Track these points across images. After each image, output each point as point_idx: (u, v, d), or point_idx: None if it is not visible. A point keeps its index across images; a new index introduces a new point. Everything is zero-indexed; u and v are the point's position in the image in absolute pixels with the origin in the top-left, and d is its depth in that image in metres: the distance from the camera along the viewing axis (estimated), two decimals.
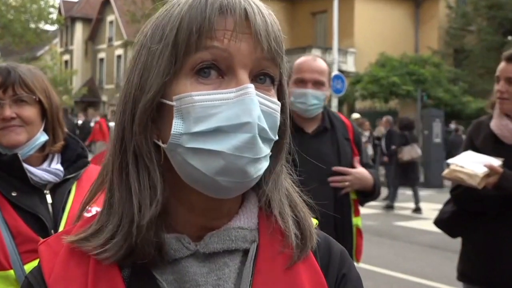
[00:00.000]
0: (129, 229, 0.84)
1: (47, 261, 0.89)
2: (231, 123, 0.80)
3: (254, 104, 0.81)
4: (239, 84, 0.82)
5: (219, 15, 0.82)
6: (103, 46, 43.60)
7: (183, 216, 0.88)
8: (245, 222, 0.90)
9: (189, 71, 0.83)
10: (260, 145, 0.82)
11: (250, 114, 0.80)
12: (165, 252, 0.85)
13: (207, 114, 0.81)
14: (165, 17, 0.86)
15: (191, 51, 0.82)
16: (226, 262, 0.87)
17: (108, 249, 0.84)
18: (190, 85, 0.83)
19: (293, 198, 0.95)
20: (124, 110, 0.87)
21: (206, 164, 0.81)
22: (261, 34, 0.83)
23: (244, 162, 0.81)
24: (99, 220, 0.89)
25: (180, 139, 0.82)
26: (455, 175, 2.75)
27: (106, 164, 0.91)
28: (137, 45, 0.89)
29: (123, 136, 0.86)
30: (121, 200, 0.85)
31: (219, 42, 0.82)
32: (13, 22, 28.30)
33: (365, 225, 4.01)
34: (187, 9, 0.83)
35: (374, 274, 7.38)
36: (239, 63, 0.83)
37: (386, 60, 26.43)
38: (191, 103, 0.81)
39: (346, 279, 0.94)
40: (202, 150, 0.81)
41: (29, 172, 1.81)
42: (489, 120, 2.89)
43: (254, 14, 0.83)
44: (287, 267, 0.88)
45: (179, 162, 0.83)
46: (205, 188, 0.84)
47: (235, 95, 0.81)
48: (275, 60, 0.86)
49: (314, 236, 0.93)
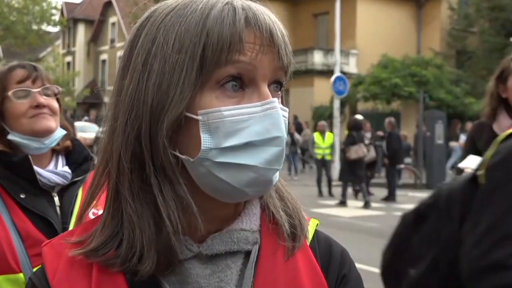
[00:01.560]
0: (156, 241, 0.83)
1: (50, 262, 0.89)
2: (261, 137, 0.82)
3: (280, 118, 0.84)
4: (262, 98, 0.84)
5: (246, 29, 0.83)
6: (105, 48, 43.66)
7: (190, 221, 0.87)
8: (247, 224, 0.90)
9: (215, 85, 0.83)
10: (284, 156, 0.85)
11: (279, 128, 0.83)
12: (173, 255, 0.85)
13: (236, 128, 0.82)
14: (176, 23, 0.84)
15: (220, 66, 0.82)
16: (228, 264, 0.88)
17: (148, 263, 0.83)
18: (216, 98, 0.82)
19: (282, 191, 0.97)
20: (135, 119, 0.84)
21: (235, 177, 0.82)
22: (281, 47, 0.86)
23: (272, 173, 0.85)
24: (102, 230, 0.88)
25: (209, 153, 0.82)
26: None
27: (100, 172, 0.89)
28: (141, 48, 0.85)
29: (136, 147, 0.84)
30: (138, 211, 0.84)
31: (246, 56, 0.83)
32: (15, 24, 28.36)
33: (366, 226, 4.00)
34: (212, 22, 0.82)
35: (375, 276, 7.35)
36: (261, 75, 0.84)
37: (388, 61, 26.43)
38: (220, 118, 0.81)
39: (346, 279, 0.95)
40: (232, 164, 0.82)
41: (38, 174, 1.80)
42: (491, 122, 2.84)
43: (275, 28, 0.85)
44: (285, 260, 0.90)
45: (203, 174, 0.83)
46: (224, 196, 0.85)
47: (262, 109, 0.83)
48: (288, 69, 0.89)
49: (305, 226, 0.95)
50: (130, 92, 0.85)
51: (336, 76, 20.29)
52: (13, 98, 1.81)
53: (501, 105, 2.82)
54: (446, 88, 25.51)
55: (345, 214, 12.67)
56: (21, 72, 1.84)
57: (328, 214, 12.44)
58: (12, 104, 1.82)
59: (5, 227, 1.71)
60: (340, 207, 13.70)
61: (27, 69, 1.86)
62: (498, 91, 2.83)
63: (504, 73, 2.81)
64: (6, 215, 1.74)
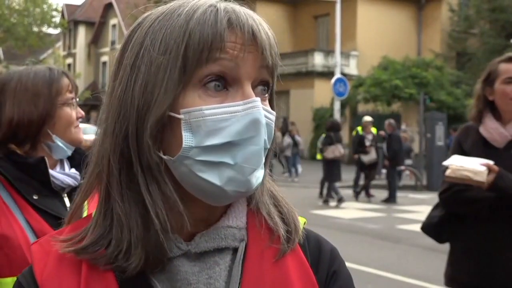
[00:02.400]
0: (144, 239, 0.84)
1: (38, 260, 0.90)
2: (241, 137, 0.83)
3: (262, 118, 0.85)
4: (245, 97, 0.85)
5: (228, 30, 0.84)
6: (106, 50, 43.71)
7: (178, 223, 0.88)
8: (233, 221, 0.92)
9: (197, 83, 0.84)
10: (263, 156, 0.87)
11: (259, 127, 0.84)
12: (162, 252, 0.86)
13: (218, 127, 0.83)
14: (163, 27, 0.86)
15: (201, 65, 0.83)
16: (217, 261, 0.89)
17: (133, 261, 0.84)
18: (199, 97, 0.84)
19: (276, 196, 0.98)
20: (123, 120, 0.86)
21: (215, 175, 0.84)
22: (266, 48, 0.87)
23: (249, 172, 0.85)
24: (94, 230, 0.89)
25: (190, 152, 0.83)
26: (460, 173, 2.70)
27: (91, 175, 0.91)
28: (130, 52, 0.88)
29: (124, 148, 0.86)
30: (126, 211, 0.86)
31: (227, 54, 0.84)
32: (16, 26, 28.40)
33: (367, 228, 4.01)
34: (195, 23, 0.84)
35: (376, 277, 7.37)
36: (245, 74, 0.85)
37: (389, 63, 26.44)
38: (202, 117, 0.83)
39: (336, 276, 0.96)
40: (213, 162, 0.83)
41: (52, 176, 1.81)
42: (477, 125, 2.87)
43: (259, 29, 0.87)
44: (275, 260, 0.91)
45: (184, 173, 0.85)
46: (208, 197, 0.86)
47: (243, 108, 0.84)
48: (273, 71, 0.90)
49: (300, 229, 0.96)
50: (119, 95, 0.87)
51: (337, 77, 20.32)
52: (65, 107, 1.85)
53: (487, 108, 2.85)
54: (446, 89, 25.53)
55: (345, 215, 12.67)
56: (67, 80, 1.88)
57: (328, 215, 12.45)
58: (64, 112, 1.85)
59: (22, 229, 1.71)
60: (339, 208, 13.75)
61: (69, 78, 1.90)
62: (485, 93, 2.86)
63: (491, 76, 2.84)
64: (20, 216, 1.74)
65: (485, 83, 2.87)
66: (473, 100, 2.96)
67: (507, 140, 2.76)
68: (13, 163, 1.77)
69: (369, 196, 15.32)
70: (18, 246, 1.67)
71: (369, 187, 15.47)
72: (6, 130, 1.78)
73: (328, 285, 0.95)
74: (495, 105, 2.84)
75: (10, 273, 1.66)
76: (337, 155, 13.89)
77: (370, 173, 15.39)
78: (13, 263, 1.66)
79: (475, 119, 2.90)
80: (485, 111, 2.84)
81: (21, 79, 1.82)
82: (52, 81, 1.83)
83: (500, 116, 2.82)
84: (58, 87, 1.84)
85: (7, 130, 1.78)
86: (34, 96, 1.79)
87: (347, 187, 16.83)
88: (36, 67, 1.88)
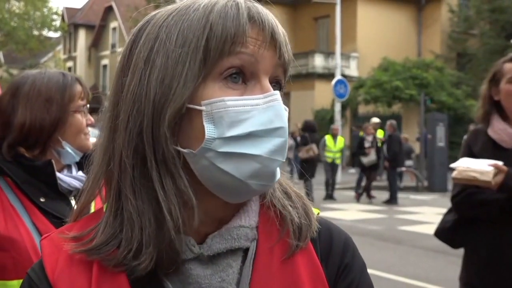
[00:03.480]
0: (157, 238, 0.83)
1: (49, 255, 0.88)
2: (265, 127, 0.83)
3: (283, 110, 0.85)
4: (264, 91, 0.85)
5: (250, 24, 0.85)
6: (106, 53, 43.74)
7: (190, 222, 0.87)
8: (246, 221, 0.90)
9: (218, 76, 0.84)
10: (286, 148, 0.86)
11: (282, 119, 0.85)
12: (178, 254, 0.85)
13: (240, 119, 0.82)
14: (179, 21, 0.85)
15: (223, 57, 0.83)
16: (230, 263, 0.87)
17: (143, 260, 0.83)
18: (219, 89, 0.84)
19: (288, 191, 0.97)
20: (137, 115, 0.84)
21: (238, 168, 0.82)
22: (282, 45, 0.88)
23: (276, 165, 0.85)
24: (105, 229, 0.87)
25: (212, 143, 0.82)
26: (466, 174, 2.68)
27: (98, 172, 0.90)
28: (143, 48, 0.87)
29: (138, 143, 0.84)
30: (139, 208, 0.84)
31: (248, 48, 0.84)
32: (16, 30, 28.43)
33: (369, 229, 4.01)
34: (216, 15, 0.84)
35: (378, 279, 7.35)
36: (263, 69, 0.86)
37: (389, 64, 26.45)
38: (224, 108, 0.82)
39: (348, 269, 0.94)
40: (236, 154, 0.82)
41: (59, 179, 1.81)
42: (486, 127, 2.86)
43: (277, 26, 0.88)
44: (284, 258, 0.89)
45: (204, 166, 0.83)
46: (227, 192, 0.85)
47: (264, 101, 0.84)
48: (287, 69, 0.91)
49: (314, 225, 0.94)
50: (132, 89, 0.85)
51: (337, 79, 20.30)
52: (77, 114, 1.86)
53: (494, 108, 2.84)
54: (447, 90, 25.51)
55: (346, 217, 12.66)
56: (80, 87, 1.88)
57: (329, 217, 12.37)
58: (75, 119, 1.85)
59: (28, 231, 1.71)
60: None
61: (82, 85, 1.91)
62: (490, 94, 2.85)
63: (496, 76, 2.83)
64: (27, 219, 1.74)
65: (490, 84, 2.85)
66: (479, 101, 2.94)
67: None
68: (21, 166, 1.77)
69: (370, 198, 15.31)
70: (24, 249, 1.67)
71: (370, 188, 15.46)
72: (17, 134, 1.77)
73: (339, 278, 0.93)
74: (501, 106, 2.82)
75: (16, 276, 1.66)
76: (311, 155, 14.19)
77: (371, 174, 15.39)
78: (19, 265, 1.65)
79: (482, 120, 2.89)
80: (492, 112, 2.83)
81: (34, 83, 1.81)
82: (65, 87, 1.83)
83: (507, 117, 2.80)
84: (71, 93, 1.84)
85: (18, 134, 1.77)
86: (47, 101, 1.79)
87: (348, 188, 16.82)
88: (49, 72, 1.87)
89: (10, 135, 1.78)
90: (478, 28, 28.96)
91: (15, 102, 1.80)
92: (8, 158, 1.77)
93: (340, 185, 18.37)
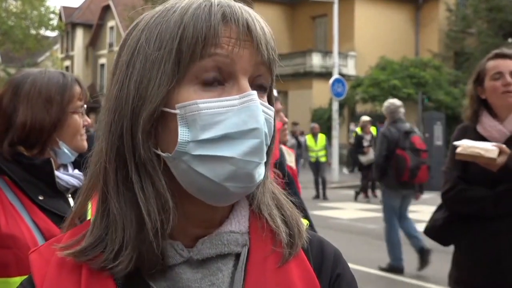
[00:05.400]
0: (137, 239, 0.83)
1: (38, 269, 0.88)
2: (239, 129, 0.81)
3: (259, 111, 0.83)
4: (242, 91, 0.83)
5: (223, 24, 0.83)
6: (103, 52, 43.69)
7: (178, 225, 0.86)
8: (236, 226, 0.90)
9: (193, 79, 0.83)
10: (264, 150, 0.84)
11: (257, 120, 0.82)
12: (165, 259, 0.85)
13: (214, 121, 0.81)
14: (159, 23, 0.85)
15: (195, 59, 0.82)
16: (220, 267, 0.87)
17: (121, 261, 0.83)
18: (194, 92, 0.83)
19: (279, 199, 0.96)
20: (119, 119, 0.85)
21: (214, 171, 0.82)
22: (261, 42, 0.85)
23: (252, 166, 0.83)
24: (92, 232, 0.88)
25: (186, 147, 0.82)
26: (471, 150, 2.66)
27: (93, 173, 0.90)
28: (126, 51, 0.87)
29: (120, 146, 0.85)
30: (122, 211, 0.84)
31: (223, 49, 0.83)
32: (13, 29, 28.36)
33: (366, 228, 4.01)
34: (189, 17, 0.83)
35: (376, 278, 7.38)
36: (241, 69, 0.84)
37: (387, 63, 26.46)
38: (197, 110, 0.81)
39: (340, 279, 0.94)
40: (210, 156, 0.81)
41: (57, 177, 1.83)
42: (474, 124, 2.88)
43: (254, 23, 0.85)
44: (278, 266, 0.88)
45: (183, 170, 0.83)
46: (208, 196, 0.84)
47: (239, 102, 0.82)
48: (271, 67, 0.89)
49: (304, 234, 0.94)
50: (115, 93, 0.86)
51: (335, 78, 20.31)
52: (75, 115, 1.87)
53: (482, 107, 2.88)
54: (444, 89, 25.54)
55: (344, 216, 12.67)
56: (79, 88, 1.90)
57: (327, 216, 12.45)
58: (73, 120, 1.87)
59: (29, 228, 1.73)
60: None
61: (81, 86, 1.92)
62: (477, 93, 2.89)
63: (481, 75, 2.89)
64: (27, 216, 1.76)
65: (476, 83, 2.91)
66: (467, 101, 2.98)
67: (506, 137, 2.77)
68: (19, 165, 1.79)
69: (367, 197, 15.32)
70: (26, 246, 1.68)
71: (367, 187, 15.47)
72: (19, 134, 1.80)
73: (332, 287, 0.93)
74: (488, 104, 2.86)
75: (18, 273, 1.68)
76: None
77: (368, 173, 15.39)
78: (21, 262, 1.67)
79: (471, 119, 2.91)
80: (481, 110, 2.87)
81: (35, 83, 1.83)
82: (65, 88, 1.85)
83: (495, 114, 2.84)
84: (70, 94, 1.86)
85: (20, 133, 1.80)
86: (47, 102, 1.82)
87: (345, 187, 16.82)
88: (49, 72, 1.89)
89: (11, 134, 1.80)
90: (476, 27, 28.97)
91: (15, 101, 1.81)
92: (7, 157, 1.79)
93: (337, 184, 18.39)
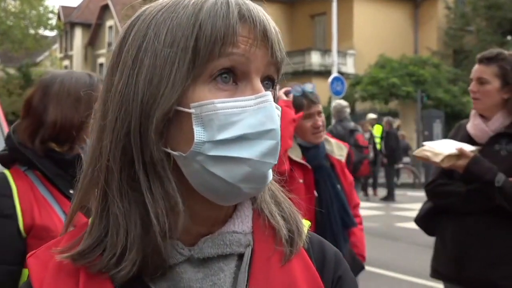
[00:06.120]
0: (142, 242, 0.80)
1: (37, 274, 0.86)
2: (256, 130, 0.80)
3: (274, 112, 0.82)
4: (256, 92, 0.82)
5: (240, 23, 0.82)
6: (102, 51, 43.65)
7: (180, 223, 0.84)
8: (239, 226, 0.89)
9: (208, 78, 0.81)
10: (279, 150, 0.83)
11: (273, 121, 0.82)
12: (164, 260, 0.83)
13: (230, 121, 0.80)
14: (168, 18, 0.82)
15: (213, 58, 0.81)
16: (221, 267, 0.86)
17: (124, 267, 0.80)
18: (209, 91, 0.81)
19: (277, 197, 0.95)
20: (125, 116, 0.82)
21: (229, 172, 0.80)
22: (275, 42, 0.85)
23: (267, 168, 0.82)
24: (90, 232, 0.85)
25: (202, 147, 0.80)
26: (422, 153, 2.93)
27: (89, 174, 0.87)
28: (131, 45, 0.84)
29: (126, 144, 0.82)
30: (125, 212, 0.82)
31: (239, 48, 0.82)
32: (12, 28, 28.34)
33: (366, 226, 4.02)
34: (205, 14, 0.81)
35: (376, 276, 7.38)
36: (255, 69, 0.83)
37: (386, 61, 26.44)
38: (214, 110, 0.80)
39: (342, 281, 0.94)
40: (227, 157, 0.80)
41: None
42: (467, 122, 3.06)
43: (269, 23, 0.85)
44: (281, 265, 0.88)
45: (195, 170, 0.81)
46: (219, 196, 0.83)
47: (255, 103, 0.81)
48: (280, 67, 0.88)
49: (303, 231, 0.93)
50: (120, 89, 0.83)
51: (334, 76, 20.29)
52: None
53: None
54: (443, 87, 25.54)
55: None
56: None
57: None
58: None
59: (61, 220, 1.82)
60: None
61: None
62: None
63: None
64: (58, 208, 1.86)
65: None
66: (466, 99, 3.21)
67: (488, 136, 2.90)
68: (51, 160, 1.89)
69: (367, 195, 15.33)
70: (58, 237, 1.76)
71: (367, 185, 15.49)
72: (50, 131, 1.89)
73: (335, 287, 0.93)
74: None
75: None
76: None
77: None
78: None
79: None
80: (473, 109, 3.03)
81: (63, 83, 1.93)
82: (92, 88, 1.93)
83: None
84: (97, 94, 1.90)
85: (51, 131, 1.89)
86: (75, 101, 1.90)
87: None
88: (76, 73, 1.99)
89: (42, 132, 1.89)
90: (475, 25, 28.96)
91: (45, 100, 1.91)
92: (40, 153, 1.88)
93: None
